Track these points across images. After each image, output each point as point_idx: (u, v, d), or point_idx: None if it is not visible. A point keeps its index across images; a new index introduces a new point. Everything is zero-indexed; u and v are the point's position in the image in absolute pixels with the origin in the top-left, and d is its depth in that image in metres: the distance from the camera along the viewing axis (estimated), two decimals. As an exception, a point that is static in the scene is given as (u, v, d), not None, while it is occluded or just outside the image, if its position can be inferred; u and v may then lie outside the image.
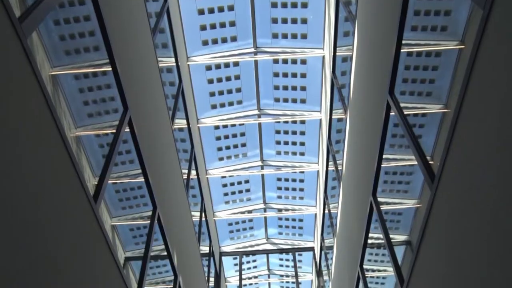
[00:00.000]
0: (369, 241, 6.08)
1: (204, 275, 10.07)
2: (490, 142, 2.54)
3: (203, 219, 10.75)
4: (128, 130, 4.64)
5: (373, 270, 6.23)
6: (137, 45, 5.18)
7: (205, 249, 10.85)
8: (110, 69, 4.18)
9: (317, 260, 13.11)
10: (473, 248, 2.81)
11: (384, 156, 5.06)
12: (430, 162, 3.66)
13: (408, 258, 4.44)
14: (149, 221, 5.34)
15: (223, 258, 14.26)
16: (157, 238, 5.69)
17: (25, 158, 2.44)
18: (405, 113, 4.21)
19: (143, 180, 5.16)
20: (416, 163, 3.98)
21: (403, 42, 4.16)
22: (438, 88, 3.47)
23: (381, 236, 5.38)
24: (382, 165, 5.16)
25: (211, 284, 11.56)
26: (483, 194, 2.65)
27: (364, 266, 6.46)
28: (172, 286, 6.50)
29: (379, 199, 5.38)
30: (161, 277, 6.10)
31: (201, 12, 9.68)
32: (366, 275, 6.42)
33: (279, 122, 11.45)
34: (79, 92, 3.49)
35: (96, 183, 3.69)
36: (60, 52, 3.17)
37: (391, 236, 5.05)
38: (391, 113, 4.65)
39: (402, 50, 4.21)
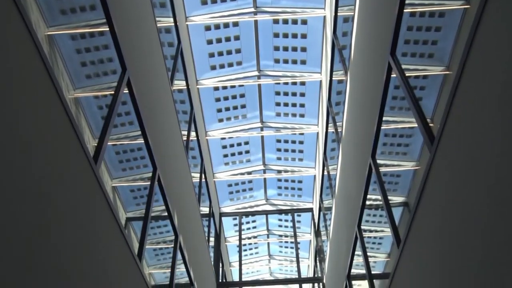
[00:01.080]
0: (367, 202, 6.15)
1: (204, 235, 10.25)
2: (491, 105, 2.52)
3: (203, 180, 10.84)
4: (127, 91, 4.61)
5: (370, 231, 6.33)
6: (134, 4, 5.08)
7: (205, 209, 11.00)
8: (108, 29, 4.10)
9: (316, 220, 13.31)
10: (471, 210, 2.84)
11: (384, 118, 5.05)
12: (430, 125, 3.65)
13: (405, 219, 4.50)
14: (149, 182, 5.39)
15: (223, 218, 14.47)
16: (157, 199, 5.75)
17: (23, 120, 2.43)
18: (406, 74, 4.17)
19: (143, 141, 5.17)
20: (416, 125, 3.97)
21: (406, 1, 4.07)
22: (440, 49, 3.42)
23: (379, 197, 5.44)
24: (382, 127, 5.16)
25: (211, 244, 11.78)
26: (483, 157, 2.65)
27: (362, 227, 6.57)
28: (173, 245, 6.62)
29: (378, 161, 5.40)
30: (162, 237, 6.20)
31: (199, -30, 9.45)
32: (364, 236, 6.53)
33: (279, 83, 11.36)
34: (76, 53, 3.44)
35: (95, 144, 3.70)
36: (55, 12, 3.10)
37: (389, 197, 5.10)
38: (392, 75, 4.60)
39: (405, 10, 4.13)
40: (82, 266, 3.12)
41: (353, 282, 7.63)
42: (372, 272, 6.18)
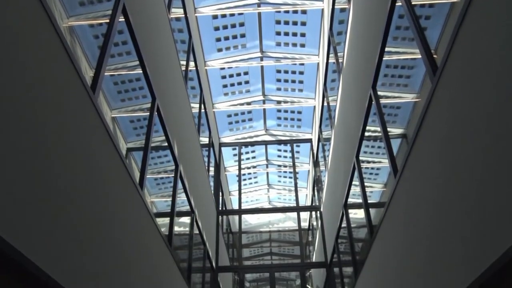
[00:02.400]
0: (366, 133, 6.19)
1: (204, 164, 10.41)
2: (498, 37, 2.46)
3: (203, 110, 10.83)
4: (123, 19, 4.48)
5: (368, 162, 6.42)
6: None
7: (204, 140, 11.08)
8: (100, -48, 3.91)
9: (315, 151, 13.47)
10: (469, 141, 2.85)
11: (386, 49, 4.95)
12: (434, 56, 3.58)
13: (403, 150, 4.54)
14: (148, 113, 5.38)
15: (223, 148, 14.62)
16: (157, 130, 5.77)
17: (17, 49, 2.37)
18: (412, 3, 4.03)
19: (141, 71, 5.10)
20: (418, 56, 3.90)
21: None
22: (448, -24, 3.28)
23: (378, 129, 5.46)
24: (384, 58, 5.07)
25: (211, 173, 11.99)
26: (485, 88, 2.63)
27: (360, 158, 6.65)
28: (173, 175, 6.74)
29: (379, 93, 5.36)
30: (163, 166, 6.29)
31: None
32: (361, 166, 6.63)
33: (279, 11, 11.03)
34: (69, -23, 3.29)
35: (93, 75, 3.64)
36: None
37: (388, 129, 5.12)
38: (397, 3, 4.45)
39: None
40: (84, 195, 3.18)
41: (350, 210, 7.85)
42: (369, 201, 6.34)
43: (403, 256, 4.46)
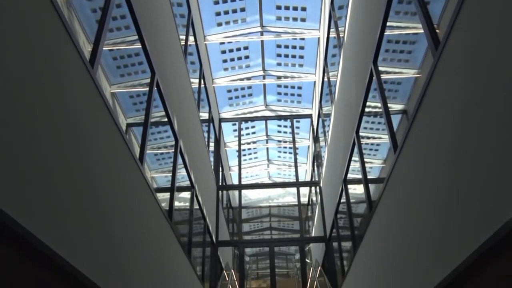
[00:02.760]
0: (366, 109, 6.17)
1: (204, 140, 10.41)
2: (501, 11, 2.42)
3: (202, 86, 10.77)
4: (121, -8, 4.41)
5: (368, 137, 6.42)
6: None
7: (204, 115, 11.06)
8: None
9: (315, 126, 13.46)
10: (471, 117, 2.84)
11: (388, 24, 4.89)
12: (436, 31, 3.54)
13: (403, 125, 4.54)
14: (148, 88, 5.35)
15: (223, 124, 14.61)
16: (157, 105, 5.75)
17: (12, 24, 2.34)
18: (414, -24, 3.96)
19: (140, 46, 5.05)
20: (420, 31, 3.85)
21: None
22: None
23: (378, 104, 5.44)
24: (385, 33, 5.01)
25: (211, 148, 12.00)
26: (488, 63, 2.60)
27: (360, 133, 6.65)
28: (173, 150, 6.75)
29: (380, 68, 5.32)
30: (163, 142, 6.30)
31: None
32: (361, 142, 6.63)
33: (280, -15, 10.86)
34: (65, -51, 3.23)
35: (91, 49, 3.61)
36: None
37: (388, 104, 5.10)
38: (399, -24, 4.38)
39: None
40: (84, 170, 3.19)
41: (349, 186, 7.90)
42: (368, 177, 6.37)
43: (402, 231, 4.50)
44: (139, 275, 4.46)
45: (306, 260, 14.55)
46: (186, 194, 7.87)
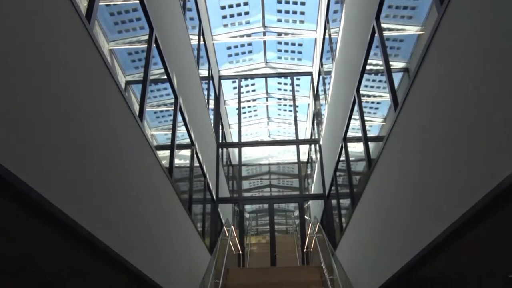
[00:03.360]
0: (368, 67, 6.10)
1: (204, 97, 10.36)
2: (509, -37, 2.35)
3: (202, 42, 10.61)
4: None
5: (369, 96, 6.38)
6: None
7: (204, 72, 10.95)
8: None
9: (315, 84, 13.36)
10: (473, 74, 2.81)
11: (392, -22, 4.76)
12: (441, -15, 3.45)
13: (405, 83, 4.50)
14: (146, 45, 5.27)
15: (222, 81, 14.49)
16: (156, 62, 5.68)
17: (8, -24, 2.27)
18: None
19: (138, 1, 4.93)
20: (425, -15, 3.75)
21: None
22: None
23: (380, 62, 5.37)
24: (388, -12, 4.89)
25: (211, 106, 11.96)
26: (496, 18, 2.55)
27: (360, 91, 6.60)
28: (173, 108, 6.72)
29: (382, 25, 5.22)
30: (162, 99, 6.26)
31: None
32: (362, 100, 6.60)
33: None
34: None
35: (87, 4, 3.52)
36: None
37: (390, 62, 5.04)
38: None
39: None
40: (83, 127, 3.18)
41: (349, 144, 7.92)
42: (368, 135, 6.37)
43: (400, 188, 4.54)
44: (139, 231, 4.54)
45: (305, 217, 14.79)
46: (186, 152, 7.90)
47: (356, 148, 7.39)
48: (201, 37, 10.51)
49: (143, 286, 4.81)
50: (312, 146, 14.62)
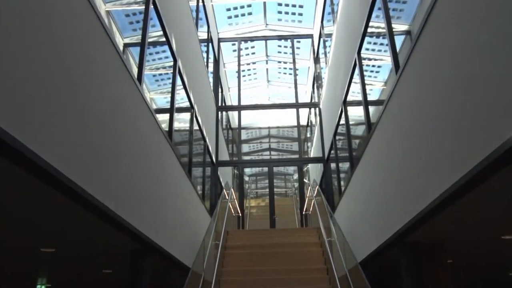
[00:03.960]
0: (369, 29, 6.01)
1: (203, 60, 10.25)
2: None
3: (200, 3, 10.41)
4: None
5: (370, 59, 6.32)
6: None
7: (203, 35, 10.79)
8: None
9: (315, 47, 13.19)
10: (477, 38, 2.78)
11: None
12: None
13: (407, 46, 4.44)
14: (144, 6, 5.16)
15: (222, 44, 14.30)
16: (154, 24, 5.59)
17: None
18: None
19: (135, -40, 4.81)
20: None
21: None
22: None
23: (382, 25, 5.28)
24: None
25: (210, 69, 11.85)
26: (497, -18, 2.50)
27: (362, 54, 6.53)
28: (172, 71, 6.66)
29: (385, -15, 5.11)
30: (161, 62, 6.20)
31: None
32: (363, 63, 6.53)
33: None
34: None
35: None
36: None
37: (392, 24, 4.95)
38: None
39: None
40: (80, 89, 3.17)
41: (349, 107, 7.90)
42: (368, 99, 6.34)
43: (400, 151, 4.56)
44: (139, 193, 4.58)
45: (304, 180, 14.93)
46: (186, 115, 7.89)
47: (356, 112, 7.38)
48: (200, -2, 10.30)
49: (145, 247, 4.90)
50: (312, 109, 14.57)
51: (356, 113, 7.39)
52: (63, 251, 5.15)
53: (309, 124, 16.07)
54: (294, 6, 13.69)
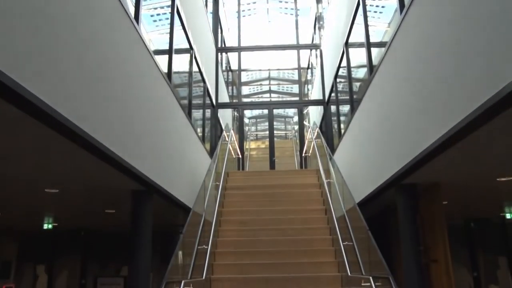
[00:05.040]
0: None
1: (202, -1, 9.97)
2: None
3: None
4: None
5: (374, -2, 6.15)
6: None
7: (202, -28, 10.43)
8: None
9: (318, -14, 12.79)
10: (482, -23, 2.69)
11: None
12: None
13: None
14: None
15: (221, -18, 13.83)
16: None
17: None
18: None
19: None
20: None
21: None
22: None
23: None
24: None
25: (209, 9, 11.54)
26: None
27: (365, -6, 6.35)
28: (170, 11, 6.49)
29: None
30: (158, 1, 6.03)
31: None
32: (366, 3, 6.35)
33: None
34: None
35: None
36: None
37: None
38: None
39: None
40: (76, 28, 3.11)
41: (350, 49, 7.77)
42: (371, 41, 6.23)
43: (402, 94, 4.54)
44: (140, 135, 4.60)
45: (304, 122, 14.94)
46: (185, 57, 7.77)
47: (358, 55, 7.27)
48: None
49: (146, 188, 4.99)
50: (313, 51, 14.34)
51: (357, 55, 7.28)
52: (66, 192, 5.25)
53: (310, 66, 15.87)
54: None
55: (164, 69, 5.79)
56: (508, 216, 8.85)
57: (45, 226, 9.37)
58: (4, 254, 9.66)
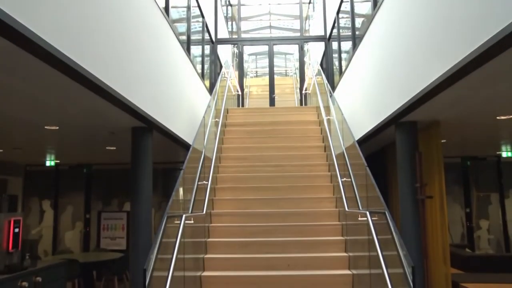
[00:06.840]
0: None
1: None
2: None
3: None
4: None
5: None
6: None
7: None
8: None
9: None
10: None
11: None
12: None
13: None
14: None
15: None
16: None
17: None
18: None
19: None
20: None
21: None
22: None
23: None
24: None
25: None
26: None
27: None
28: None
29: None
30: None
31: None
32: None
33: None
34: None
35: None
36: None
37: None
38: None
39: None
40: (73, -39, 2.99)
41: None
42: None
43: (405, 29, 4.45)
44: (138, 71, 4.56)
45: (305, 59, 14.72)
46: (183, -10, 7.53)
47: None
48: None
49: (146, 125, 5.00)
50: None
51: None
52: (66, 128, 5.26)
53: (312, 0, 15.40)
54: None
55: (162, 3, 5.62)
56: (504, 154, 8.95)
57: (48, 163, 9.50)
58: (10, 188, 9.86)
